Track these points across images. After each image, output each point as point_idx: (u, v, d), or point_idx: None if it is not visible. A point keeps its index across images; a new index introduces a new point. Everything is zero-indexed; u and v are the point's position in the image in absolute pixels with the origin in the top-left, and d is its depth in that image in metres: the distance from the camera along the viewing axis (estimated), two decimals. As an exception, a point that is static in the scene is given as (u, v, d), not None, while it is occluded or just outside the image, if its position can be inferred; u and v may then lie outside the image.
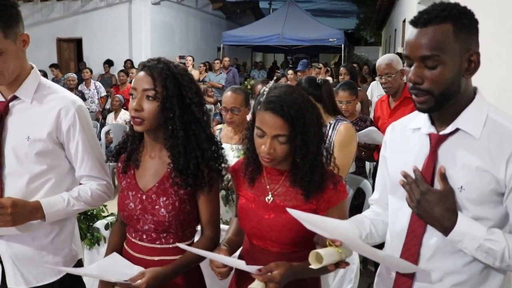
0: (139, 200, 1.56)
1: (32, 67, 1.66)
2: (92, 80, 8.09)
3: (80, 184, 1.73)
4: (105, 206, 2.51)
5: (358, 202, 3.08)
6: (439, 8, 1.16)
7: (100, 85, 8.17)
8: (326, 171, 1.49)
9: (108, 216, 2.55)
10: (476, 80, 1.24)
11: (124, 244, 1.66)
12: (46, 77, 6.27)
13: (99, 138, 5.67)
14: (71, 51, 12.71)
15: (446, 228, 1.18)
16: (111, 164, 1.76)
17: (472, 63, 1.19)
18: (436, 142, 1.25)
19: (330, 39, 12.07)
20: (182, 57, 10.44)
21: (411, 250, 1.28)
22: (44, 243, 1.66)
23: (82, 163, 1.68)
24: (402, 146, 1.37)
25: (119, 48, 11.51)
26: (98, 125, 6.52)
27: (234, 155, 2.47)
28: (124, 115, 6.21)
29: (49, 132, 1.60)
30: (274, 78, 4.75)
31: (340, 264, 1.29)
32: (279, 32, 12.21)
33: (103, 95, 8.02)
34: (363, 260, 3.26)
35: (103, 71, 10.39)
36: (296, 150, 1.42)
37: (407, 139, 1.36)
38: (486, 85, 1.57)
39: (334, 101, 2.70)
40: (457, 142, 1.23)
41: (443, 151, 1.25)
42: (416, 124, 1.33)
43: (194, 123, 1.52)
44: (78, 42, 12.37)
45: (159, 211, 1.52)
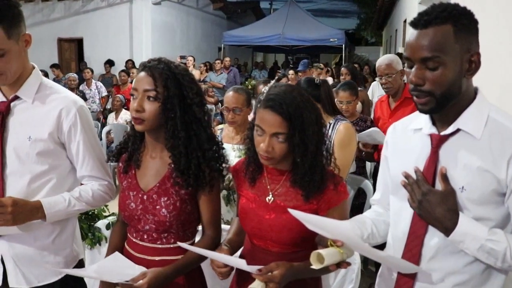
0: (140, 200, 1.56)
1: (33, 67, 1.66)
2: (93, 80, 8.08)
3: (82, 184, 1.73)
4: (106, 206, 2.51)
5: (358, 202, 3.08)
6: (439, 9, 1.16)
7: (101, 85, 8.16)
8: (326, 171, 1.49)
9: (109, 215, 2.55)
10: (477, 80, 1.24)
11: (125, 244, 1.66)
12: (47, 77, 6.25)
13: (100, 138, 5.67)
14: (72, 51, 12.71)
15: (447, 229, 1.18)
16: (112, 164, 1.76)
17: (472, 63, 1.19)
18: (437, 142, 1.25)
19: (331, 39, 12.06)
20: (183, 57, 10.44)
21: (413, 251, 1.28)
22: (46, 243, 1.66)
23: (83, 163, 1.68)
24: (404, 146, 1.37)
25: (120, 48, 11.51)
26: (99, 125, 6.52)
27: (235, 155, 2.47)
28: (125, 115, 6.21)
29: (50, 132, 1.60)
30: (276, 78, 4.75)
31: (342, 264, 1.29)
32: (280, 32, 12.20)
33: (104, 95, 8.02)
34: (364, 260, 3.26)
35: (104, 71, 10.38)
36: (294, 149, 1.42)
37: (408, 139, 1.36)
38: (487, 85, 1.56)
39: (333, 101, 2.71)
40: (458, 142, 1.23)
41: (444, 152, 1.25)
42: (417, 125, 1.33)
43: (195, 123, 1.52)
44: (79, 42, 12.36)
45: (160, 211, 1.52)
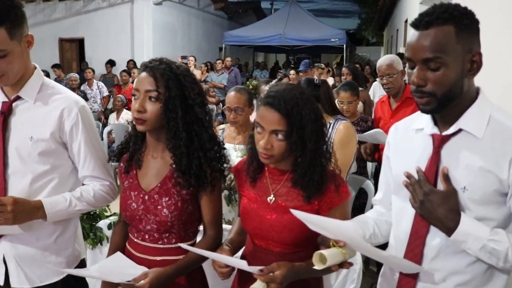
0: (141, 200, 1.56)
1: (35, 67, 1.66)
2: (94, 80, 8.09)
3: (84, 185, 1.73)
4: (107, 206, 2.52)
5: (360, 202, 3.07)
6: (440, 10, 1.16)
7: (102, 85, 8.16)
8: (326, 171, 1.48)
9: (111, 215, 2.55)
10: (479, 80, 1.24)
11: (127, 244, 1.66)
12: (49, 77, 6.20)
13: (101, 138, 5.66)
14: (73, 51, 12.72)
15: (449, 229, 1.18)
16: (113, 164, 1.76)
17: (474, 63, 1.19)
18: (439, 142, 1.25)
19: (332, 39, 12.05)
20: (184, 57, 10.42)
21: (415, 251, 1.28)
22: (48, 243, 1.66)
23: (85, 163, 1.68)
24: (405, 146, 1.37)
25: (121, 48, 11.52)
26: (101, 125, 6.53)
27: (237, 155, 2.47)
28: (126, 115, 6.22)
29: (52, 132, 1.60)
30: (278, 78, 4.75)
31: (344, 264, 1.29)
32: (281, 32, 12.19)
33: (105, 95, 8.03)
34: (365, 260, 3.25)
35: (105, 71, 10.38)
36: (292, 147, 1.42)
37: (410, 139, 1.36)
38: (489, 85, 1.56)
39: (333, 101, 2.72)
40: (460, 142, 1.23)
41: (446, 152, 1.24)
42: (419, 125, 1.33)
43: (196, 123, 1.52)
44: (80, 42, 12.36)
45: (161, 211, 1.52)
